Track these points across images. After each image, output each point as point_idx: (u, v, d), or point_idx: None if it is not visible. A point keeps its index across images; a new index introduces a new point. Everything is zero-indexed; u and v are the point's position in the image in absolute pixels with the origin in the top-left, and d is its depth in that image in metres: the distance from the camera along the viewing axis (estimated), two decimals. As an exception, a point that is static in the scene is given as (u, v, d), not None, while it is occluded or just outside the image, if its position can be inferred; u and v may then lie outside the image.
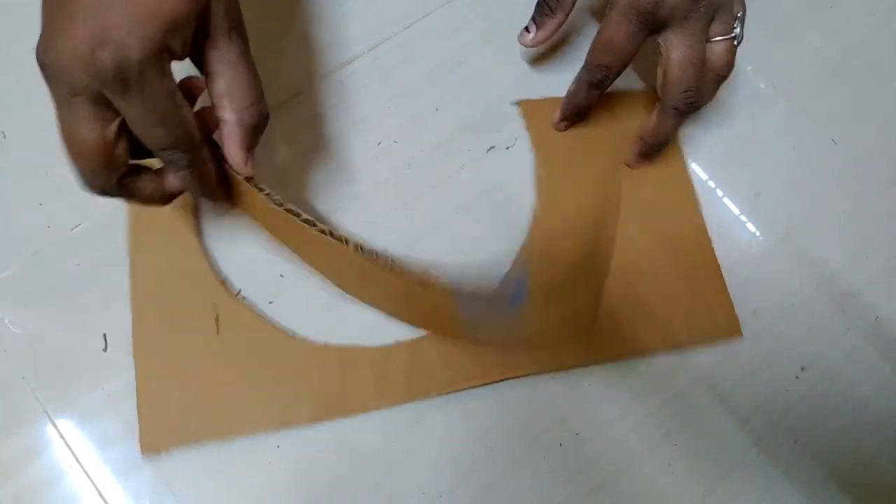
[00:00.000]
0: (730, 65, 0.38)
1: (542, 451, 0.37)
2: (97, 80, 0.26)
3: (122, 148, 0.28)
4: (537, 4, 0.41)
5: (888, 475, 0.38)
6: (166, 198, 0.32)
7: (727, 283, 0.41)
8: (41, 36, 0.27)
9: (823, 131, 0.45)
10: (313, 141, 0.41)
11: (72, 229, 0.38)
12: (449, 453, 0.37)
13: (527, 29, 0.41)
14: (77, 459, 0.35)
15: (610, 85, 0.39)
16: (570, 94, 0.41)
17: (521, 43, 0.41)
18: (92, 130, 0.27)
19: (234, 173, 0.32)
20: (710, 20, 0.37)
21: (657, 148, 0.41)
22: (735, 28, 0.37)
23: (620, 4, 0.36)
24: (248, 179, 0.32)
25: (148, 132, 0.28)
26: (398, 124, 0.42)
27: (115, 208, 0.39)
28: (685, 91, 0.37)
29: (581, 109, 0.41)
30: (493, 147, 0.42)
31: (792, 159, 0.44)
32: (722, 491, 0.37)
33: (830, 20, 0.48)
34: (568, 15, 0.40)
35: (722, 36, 0.37)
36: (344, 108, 0.42)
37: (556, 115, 0.42)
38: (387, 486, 0.36)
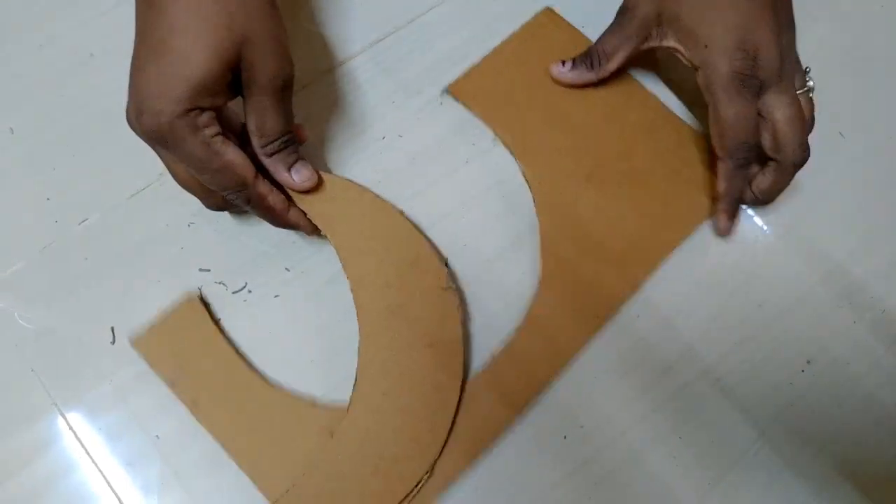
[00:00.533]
0: (812, 115, 0.39)
1: (547, 444, 0.37)
2: (145, 139, 0.31)
3: None
4: (586, 51, 0.42)
5: (895, 468, 0.38)
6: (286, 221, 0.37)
7: (732, 278, 0.41)
8: None
9: (830, 124, 0.44)
10: (317, 136, 0.41)
11: (79, 224, 0.39)
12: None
13: (563, 62, 0.42)
14: (87, 451, 0.35)
15: (754, 159, 0.39)
16: (727, 189, 0.39)
17: (550, 71, 0.42)
18: (178, 169, 0.34)
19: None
20: (795, 76, 0.38)
21: (768, 201, 0.41)
22: (808, 80, 0.39)
23: (721, 80, 0.37)
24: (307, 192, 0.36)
25: (199, 176, 0.32)
26: (402, 119, 0.42)
27: (122, 203, 0.39)
28: (801, 145, 0.38)
29: (740, 196, 0.40)
30: (497, 140, 0.42)
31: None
32: (727, 483, 0.37)
33: (838, 10, 0.48)
34: (601, 80, 0.42)
35: (801, 89, 0.38)
36: (348, 103, 0.42)
37: (723, 223, 0.40)
38: (392, 479, 0.36)
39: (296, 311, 0.38)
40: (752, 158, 0.39)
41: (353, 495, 0.34)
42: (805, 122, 0.38)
